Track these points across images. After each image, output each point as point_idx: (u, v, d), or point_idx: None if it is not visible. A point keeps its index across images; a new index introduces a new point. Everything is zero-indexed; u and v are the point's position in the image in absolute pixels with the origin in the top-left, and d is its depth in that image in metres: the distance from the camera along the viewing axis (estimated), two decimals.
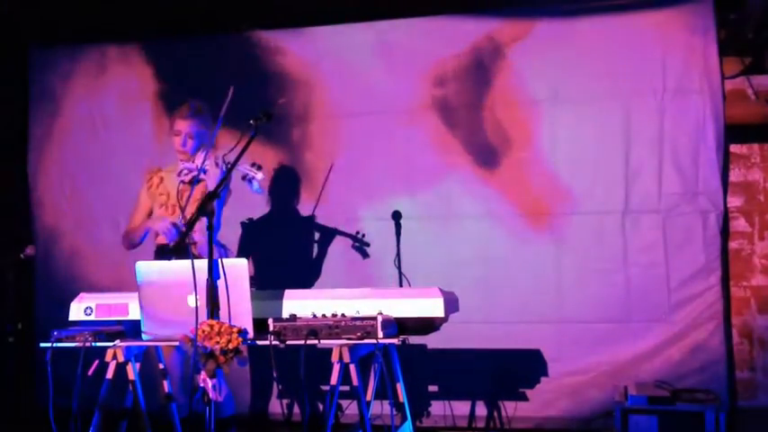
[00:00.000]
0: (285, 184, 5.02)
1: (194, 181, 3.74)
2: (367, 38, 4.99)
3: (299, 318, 3.07)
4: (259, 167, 3.51)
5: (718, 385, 4.36)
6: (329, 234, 4.86)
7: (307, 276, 4.86)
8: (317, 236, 4.92)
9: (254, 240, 4.94)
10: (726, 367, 4.46)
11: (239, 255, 4.65)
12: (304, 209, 5.01)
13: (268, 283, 4.63)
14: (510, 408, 4.66)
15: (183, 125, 3.84)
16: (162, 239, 3.85)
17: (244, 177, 3.54)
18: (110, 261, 5.08)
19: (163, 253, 3.80)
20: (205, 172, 3.72)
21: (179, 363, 3.69)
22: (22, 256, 4.42)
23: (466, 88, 4.87)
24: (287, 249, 4.97)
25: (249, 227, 4.98)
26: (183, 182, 3.77)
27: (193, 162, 3.75)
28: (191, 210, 3.34)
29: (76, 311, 3.38)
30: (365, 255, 4.82)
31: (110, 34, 5.34)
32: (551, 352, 4.65)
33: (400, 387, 3.60)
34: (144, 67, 5.30)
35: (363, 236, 4.80)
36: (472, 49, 4.86)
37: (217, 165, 3.68)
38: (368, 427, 3.09)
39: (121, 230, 5.15)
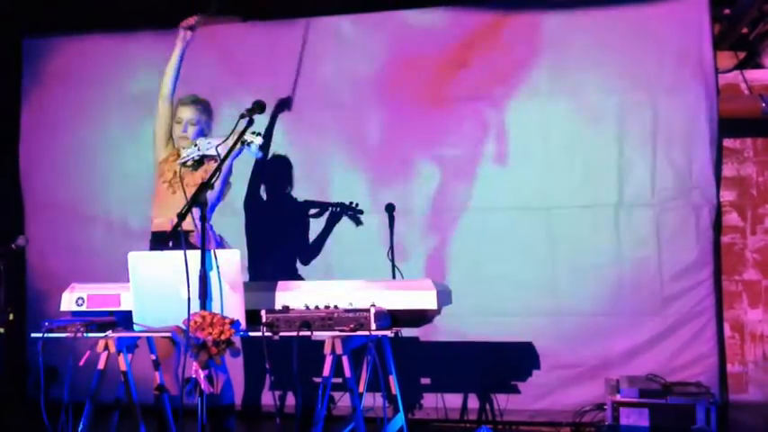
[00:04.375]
0: (278, 172, 5.01)
1: (196, 165, 3.80)
2: (369, 29, 4.98)
3: (292, 309, 3.06)
4: (258, 134, 3.51)
5: (710, 379, 4.38)
6: (323, 209, 4.89)
7: (307, 255, 4.87)
8: (311, 215, 4.93)
9: (253, 229, 4.93)
10: (717, 361, 4.48)
11: (248, 246, 4.76)
12: (300, 197, 5.01)
13: (270, 268, 4.74)
14: (502, 400, 4.67)
15: (185, 112, 3.91)
16: (157, 227, 3.83)
17: (242, 142, 3.53)
18: (102, 251, 5.07)
19: (158, 241, 3.78)
20: (207, 156, 3.77)
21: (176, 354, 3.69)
22: (12, 246, 4.40)
23: (462, 81, 4.86)
24: (285, 234, 4.97)
25: (248, 217, 4.97)
26: (184, 165, 3.79)
27: (196, 146, 3.76)
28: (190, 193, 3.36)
29: (68, 302, 3.36)
30: (359, 222, 4.82)
31: (105, 25, 5.31)
32: (544, 345, 4.66)
33: (393, 379, 3.60)
34: (140, 58, 5.26)
35: (357, 205, 4.80)
36: (469, 41, 4.86)
37: (219, 156, 3.69)
38: (360, 419, 3.09)
39: (114, 222, 5.18)
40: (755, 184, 4.82)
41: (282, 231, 4.96)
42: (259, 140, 3.48)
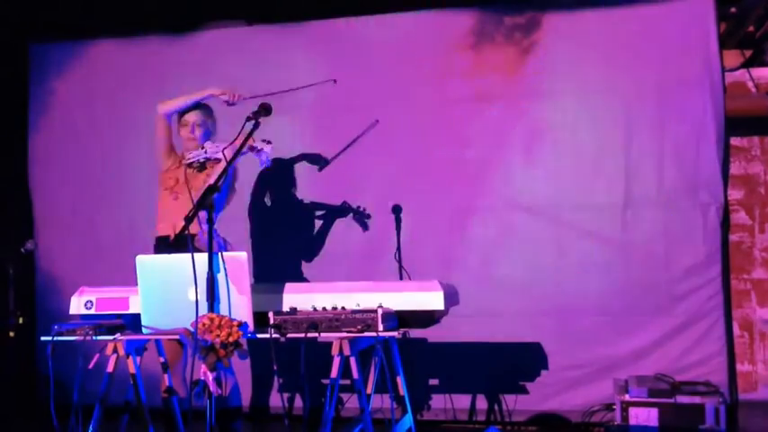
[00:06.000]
0: (282, 176, 5.02)
1: (200, 168, 3.84)
2: (379, 31, 4.99)
3: (300, 311, 3.06)
4: (268, 142, 3.52)
5: (719, 378, 4.37)
6: (330, 210, 4.92)
7: (311, 251, 4.90)
8: (318, 215, 4.96)
9: (258, 233, 4.94)
10: (726, 360, 4.47)
11: (253, 249, 4.76)
12: (306, 199, 5.02)
13: (275, 271, 4.76)
14: (510, 401, 4.67)
15: (191, 115, 3.94)
16: (160, 231, 3.85)
17: (252, 150, 3.53)
18: (110, 255, 5.09)
19: (162, 246, 3.80)
20: (211, 159, 3.79)
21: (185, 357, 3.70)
22: (22, 250, 4.43)
23: (467, 83, 4.86)
24: (290, 237, 4.98)
25: (256, 221, 4.98)
26: (189, 166, 3.81)
27: (203, 149, 3.78)
28: (195, 196, 3.38)
29: (77, 305, 3.38)
30: (365, 227, 4.84)
31: (110, 31, 5.34)
32: (552, 345, 4.65)
33: (401, 380, 3.60)
34: (147, 63, 5.29)
35: (364, 209, 4.82)
36: (474, 42, 4.86)
37: (225, 159, 3.70)
38: (368, 420, 3.09)
39: (123, 227, 5.21)
40: (763, 183, 4.80)
41: (287, 234, 4.97)
42: (269, 148, 3.50)
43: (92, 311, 3.36)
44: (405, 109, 4.92)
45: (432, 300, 3.16)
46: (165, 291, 3.01)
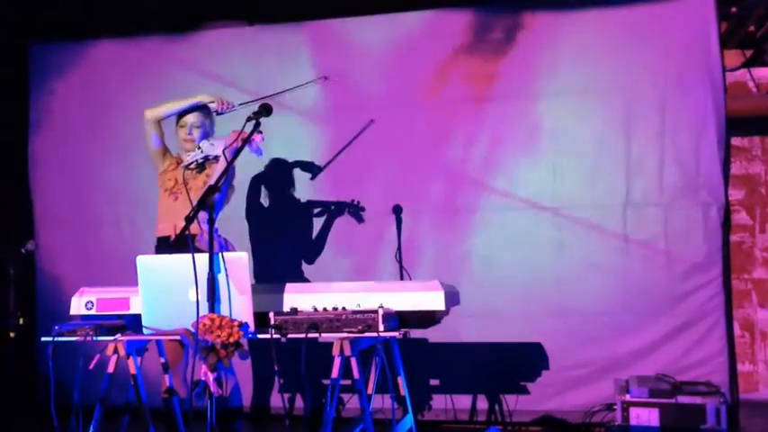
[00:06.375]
0: (278, 175, 5.02)
1: (199, 168, 3.85)
2: (378, 30, 4.98)
3: (300, 311, 3.06)
4: (259, 132, 3.52)
5: (720, 378, 4.37)
6: (326, 207, 4.91)
7: (312, 253, 4.89)
8: (316, 212, 4.96)
9: (256, 232, 4.94)
10: (727, 360, 4.46)
11: (253, 249, 4.75)
12: (305, 198, 5.02)
13: (275, 271, 4.76)
14: (511, 401, 4.67)
15: (189, 117, 3.93)
16: (161, 232, 3.86)
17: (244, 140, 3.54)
18: (111, 255, 5.09)
19: (163, 246, 3.80)
20: (209, 158, 3.80)
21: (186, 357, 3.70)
22: (22, 250, 4.43)
23: (468, 82, 4.86)
24: (289, 236, 4.98)
25: (254, 221, 4.98)
26: (187, 167, 3.81)
27: (199, 149, 3.79)
28: (195, 196, 3.39)
29: (77, 306, 3.38)
30: (360, 219, 4.83)
31: (110, 31, 5.34)
32: (552, 345, 4.65)
33: (401, 380, 3.60)
34: (148, 64, 5.28)
35: (358, 202, 4.82)
36: (474, 42, 4.86)
37: (226, 158, 3.71)
38: (369, 420, 3.09)
39: (124, 227, 5.21)
40: (764, 183, 4.81)
41: (286, 233, 4.97)
42: (259, 138, 3.51)
43: (92, 312, 3.36)
44: (405, 108, 4.91)
45: (433, 300, 3.16)
46: (165, 291, 3.01)
